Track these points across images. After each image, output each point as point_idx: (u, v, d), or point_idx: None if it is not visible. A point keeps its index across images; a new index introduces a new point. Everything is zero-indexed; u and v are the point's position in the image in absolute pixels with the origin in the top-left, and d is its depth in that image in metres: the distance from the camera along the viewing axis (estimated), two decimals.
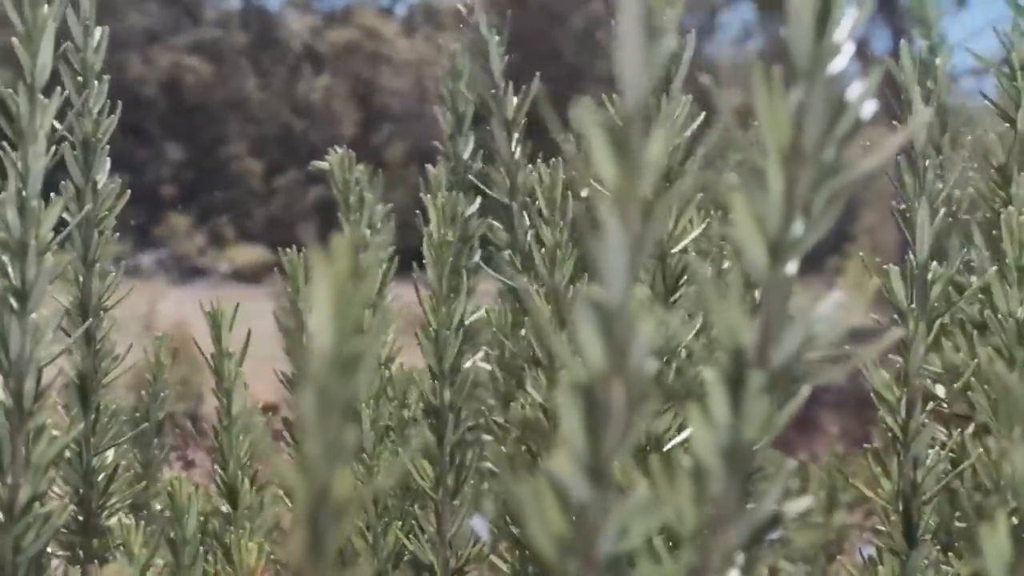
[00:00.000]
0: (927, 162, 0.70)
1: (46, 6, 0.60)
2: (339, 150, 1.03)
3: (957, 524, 0.74)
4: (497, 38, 0.85)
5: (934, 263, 0.70)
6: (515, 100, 0.84)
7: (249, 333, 0.97)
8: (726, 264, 0.68)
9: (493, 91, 0.84)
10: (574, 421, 0.26)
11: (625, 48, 0.22)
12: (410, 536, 0.69)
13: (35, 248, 0.61)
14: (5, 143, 0.64)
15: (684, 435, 0.54)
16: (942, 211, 0.70)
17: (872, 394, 0.73)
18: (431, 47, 20.72)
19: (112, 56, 0.96)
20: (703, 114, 0.62)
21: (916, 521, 0.72)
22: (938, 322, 0.70)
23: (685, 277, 0.53)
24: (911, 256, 0.71)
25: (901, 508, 0.70)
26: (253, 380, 1.14)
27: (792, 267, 0.28)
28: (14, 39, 0.61)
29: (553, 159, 0.67)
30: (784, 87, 0.25)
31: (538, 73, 0.83)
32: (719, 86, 0.30)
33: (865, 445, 0.73)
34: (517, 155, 0.82)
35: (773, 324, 0.29)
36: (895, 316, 0.74)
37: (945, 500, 0.76)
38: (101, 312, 0.88)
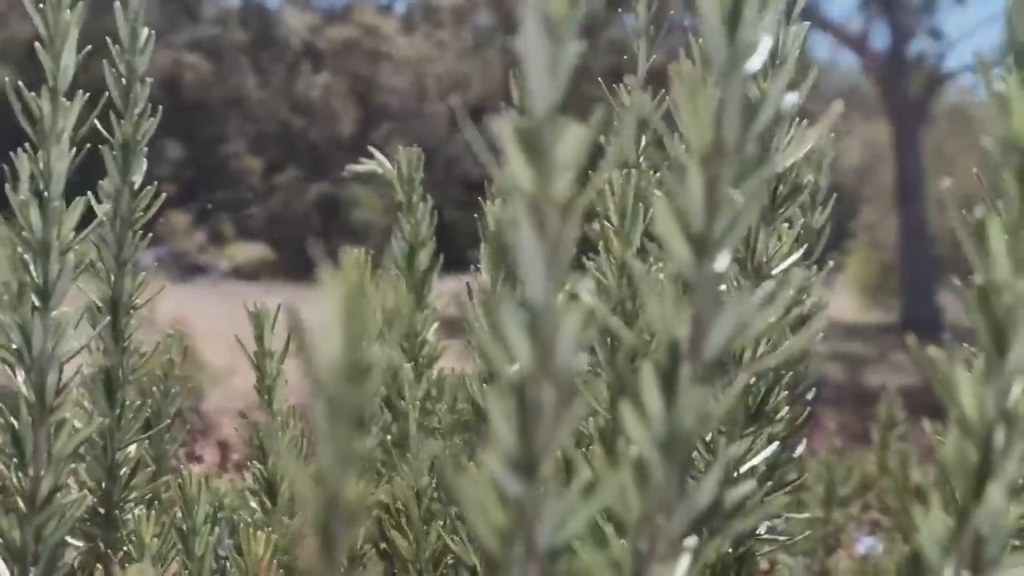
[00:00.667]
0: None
1: (68, 11, 0.61)
2: (342, 144, 1.03)
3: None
4: None
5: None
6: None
7: (287, 337, 0.98)
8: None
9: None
10: (501, 420, 0.27)
11: (530, 57, 0.22)
12: (453, 537, 0.70)
13: (57, 247, 0.62)
14: (27, 144, 0.65)
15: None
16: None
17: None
18: (430, 45, 20.70)
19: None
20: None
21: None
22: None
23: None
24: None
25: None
26: (250, 380, 1.15)
27: (721, 262, 0.29)
28: (37, 43, 0.62)
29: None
30: (703, 87, 0.25)
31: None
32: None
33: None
34: None
35: (704, 318, 0.29)
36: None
37: None
38: (131, 310, 0.90)
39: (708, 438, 0.54)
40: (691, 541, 0.33)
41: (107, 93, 0.89)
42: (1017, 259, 0.31)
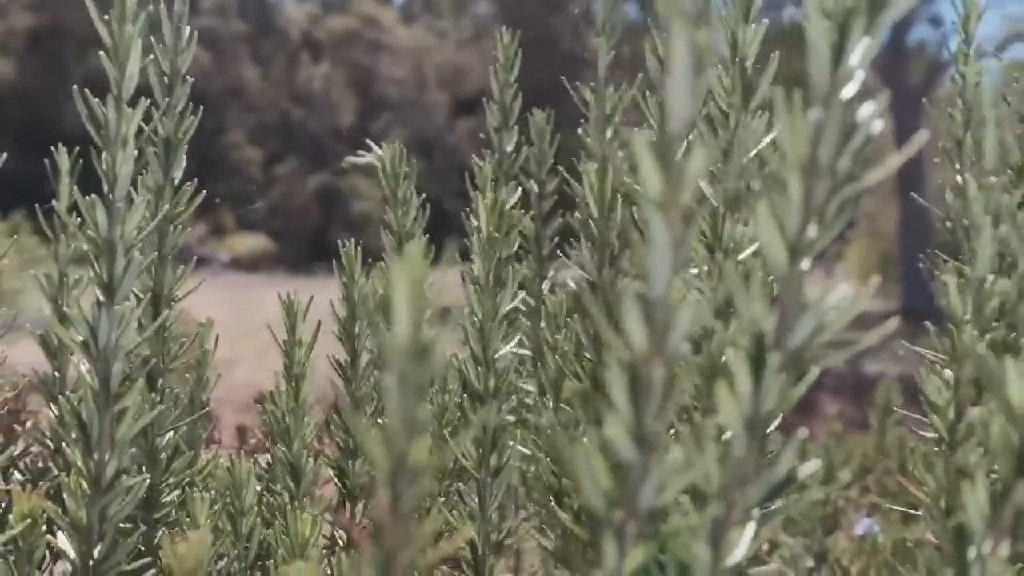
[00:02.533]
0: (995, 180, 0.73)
1: (131, 24, 0.64)
2: (342, 134, 1.06)
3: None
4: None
5: (990, 276, 0.71)
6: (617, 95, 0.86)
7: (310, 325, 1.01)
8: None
9: (591, 85, 0.86)
10: (621, 395, 0.31)
11: (673, 80, 0.26)
12: (453, 512, 0.74)
13: (122, 245, 0.66)
14: (92, 148, 0.69)
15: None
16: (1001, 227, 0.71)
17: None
18: (430, 34, 20.65)
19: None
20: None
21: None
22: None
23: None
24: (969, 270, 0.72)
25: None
26: (251, 371, 1.18)
27: (806, 264, 0.33)
28: (102, 53, 0.65)
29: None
30: (803, 109, 0.29)
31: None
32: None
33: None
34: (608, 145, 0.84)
35: (789, 313, 0.33)
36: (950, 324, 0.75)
37: None
38: (172, 302, 0.93)
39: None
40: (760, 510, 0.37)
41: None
42: None
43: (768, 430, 0.36)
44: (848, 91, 0.29)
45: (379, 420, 0.99)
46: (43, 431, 1.02)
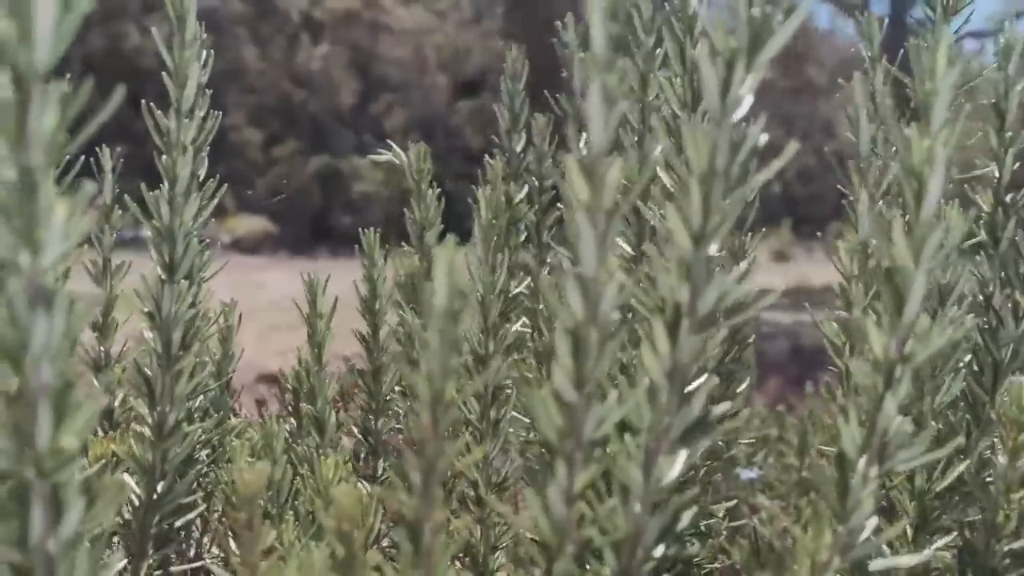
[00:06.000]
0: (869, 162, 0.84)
1: (189, 49, 0.75)
2: (341, 117, 1.17)
3: None
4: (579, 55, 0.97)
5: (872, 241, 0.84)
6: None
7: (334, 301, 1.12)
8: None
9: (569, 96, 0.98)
10: (565, 352, 0.41)
11: (591, 110, 0.36)
12: (459, 458, 0.86)
13: (181, 232, 0.77)
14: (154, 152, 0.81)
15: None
16: (880, 202, 0.84)
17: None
18: (430, 15, 20.58)
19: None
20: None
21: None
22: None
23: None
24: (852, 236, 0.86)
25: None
26: (254, 352, 1.29)
27: (712, 248, 0.43)
28: (164, 74, 0.77)
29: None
30: (703, 130, 0.39)
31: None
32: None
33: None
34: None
35: (698, 286, 0.43)
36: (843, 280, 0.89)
37: None
38: (201, 282, 1.06)
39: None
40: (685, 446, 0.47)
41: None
42: (915, 248, 0.45)
43: (686, 380, 0.46)
44: (737, 115, 0.39)
45: (397, 385, 1.12)
46: (106, 387, 1.15)
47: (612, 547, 0.47)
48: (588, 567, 0.49)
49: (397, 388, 1.14)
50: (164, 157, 0.79)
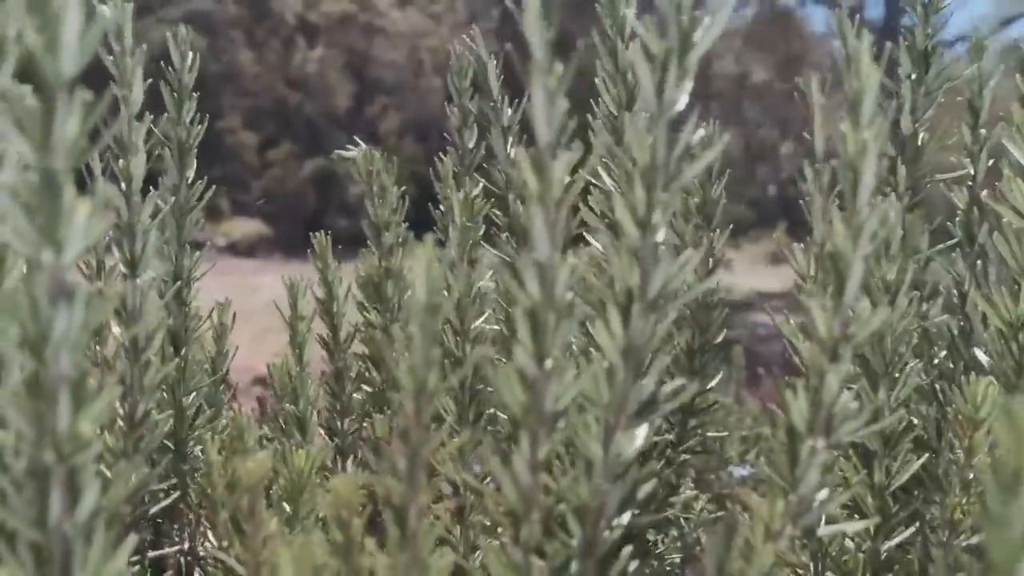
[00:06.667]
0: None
1: (130, 57, 0.79)
2: (336, 119, 1.20)
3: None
4: (493, 61, 1.02)
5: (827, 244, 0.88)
6: (510, 112, 1.02)
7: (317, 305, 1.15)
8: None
9: (492, 103, 1.02)
10: (524, 331, 0.44)
11: (536, 110, 0.39)
12: (436, 457, 0.89)
13: (140, 230, 0.80)
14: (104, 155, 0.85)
15: None
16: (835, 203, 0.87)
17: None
18: (425, 18, 20.63)
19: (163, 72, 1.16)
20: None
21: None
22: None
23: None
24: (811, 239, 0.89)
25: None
26: (250, 354, 1.32)
27: (659, 236, 0.46)
28: (111, 81, 0.81)
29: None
30: (643, 129, 0.43)
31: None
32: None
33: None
34: (512, 155, 1.01)
35: (648, 272, 0.46)
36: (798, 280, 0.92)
37: None
38: (191, 282, 1.10)
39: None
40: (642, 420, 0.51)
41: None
42: (853, 235, 0.49)
43: (640, 359, 0.49)
44: (671, 112, 0.42)
45: (361, 386, 1.15)
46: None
47: (576, 515, 0.50)
48: (555, 537, 0.53)
49: (363, 387, 1.16)
50: (120, 160, 0.83)
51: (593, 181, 0.67)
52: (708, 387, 0.86)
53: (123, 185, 0.88)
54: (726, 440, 1.91)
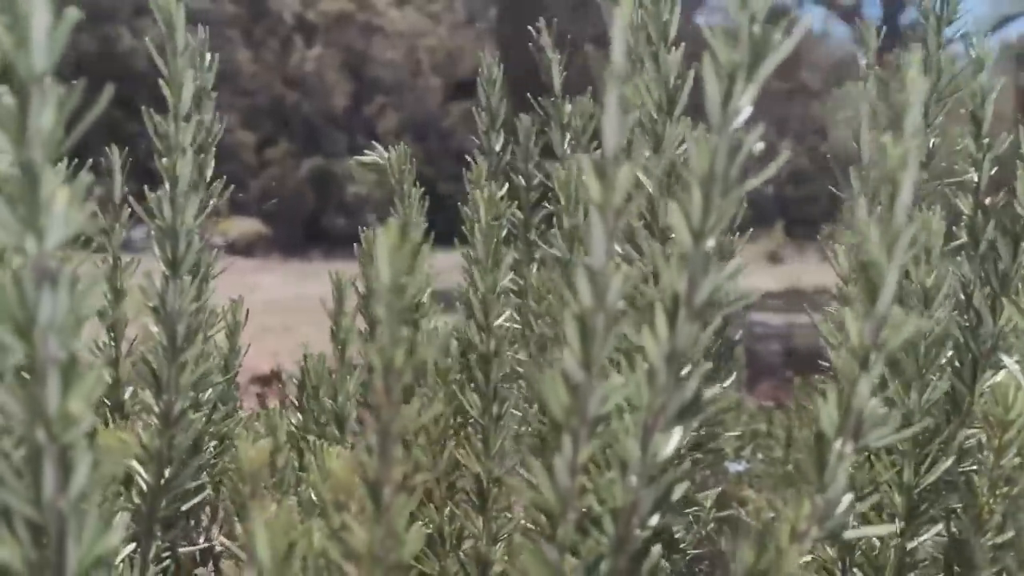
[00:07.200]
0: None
1: (180, 57, 0.80)
2: (333, 118, 1.21)
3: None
4: (557, 56, 1.03)
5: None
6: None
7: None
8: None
9: (553, 99, 1.03)
10: (574, 336, 0.45)
11: (607, 118, 0.40)
12: (461, 452, 0.90)
13: (183, 231, 0.81)
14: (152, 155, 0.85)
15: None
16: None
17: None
18: (423, 17, 20.63)
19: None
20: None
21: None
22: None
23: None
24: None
25: None
26: (250, 353, 1.34)
27: (710, 244, 0.47)
28: (161, 80, 0.81)
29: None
30: (704, 137, 0.44)
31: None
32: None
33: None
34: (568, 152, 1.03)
35: (696, 279, 0.48)
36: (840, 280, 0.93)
37: None
38: (208, 279, 1.10)
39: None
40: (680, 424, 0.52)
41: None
42: (887, 245, 0.50)
43: (682, 364, 0.50)
44: (736, 123, 0.43)
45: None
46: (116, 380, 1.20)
47: (610, 515, 0.52)
48: (589, 536, 0.54)
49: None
50: (164, 159, 0.83)
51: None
52: (726, 386, 0.88)
53: (167, 185, 0.88)
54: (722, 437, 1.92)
